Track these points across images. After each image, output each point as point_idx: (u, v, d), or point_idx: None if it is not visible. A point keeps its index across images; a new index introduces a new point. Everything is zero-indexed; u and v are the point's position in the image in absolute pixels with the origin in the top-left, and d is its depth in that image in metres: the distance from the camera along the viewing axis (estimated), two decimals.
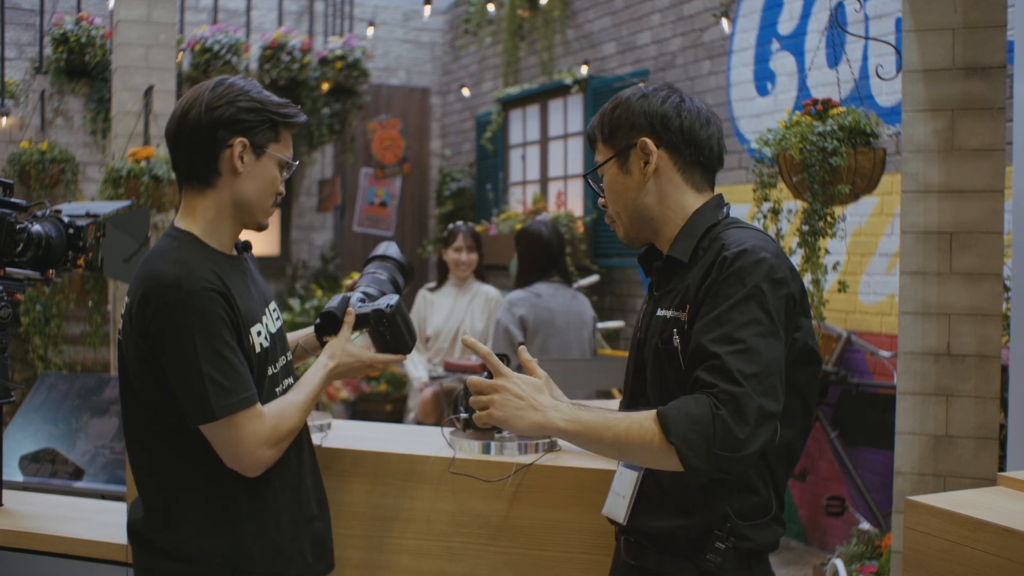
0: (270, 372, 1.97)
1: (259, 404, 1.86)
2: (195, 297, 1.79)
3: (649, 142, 1.80)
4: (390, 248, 2.32)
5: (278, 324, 2.04)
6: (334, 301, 2.15)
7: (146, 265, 1.87)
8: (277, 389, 1.98)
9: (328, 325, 2.13)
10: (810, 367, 1.76)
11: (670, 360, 1.72)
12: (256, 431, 1.83)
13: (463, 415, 2.32)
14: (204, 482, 1.89)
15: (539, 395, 1.73)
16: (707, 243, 1.77)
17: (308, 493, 2.02)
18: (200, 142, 1.89)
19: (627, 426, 1.63)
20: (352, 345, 2.09)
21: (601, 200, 1.90)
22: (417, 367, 5.20)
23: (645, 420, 1.61)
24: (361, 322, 2.12)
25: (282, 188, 1.99)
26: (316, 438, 2.31)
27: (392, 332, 2.11)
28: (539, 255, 4.26)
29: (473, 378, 1.78)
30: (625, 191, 1.83)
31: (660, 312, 1.78)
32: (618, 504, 1.82)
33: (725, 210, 1.83)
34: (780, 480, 1.77)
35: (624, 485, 1.82)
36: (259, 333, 1.93)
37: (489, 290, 5.16)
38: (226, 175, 1.91)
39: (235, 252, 2.00)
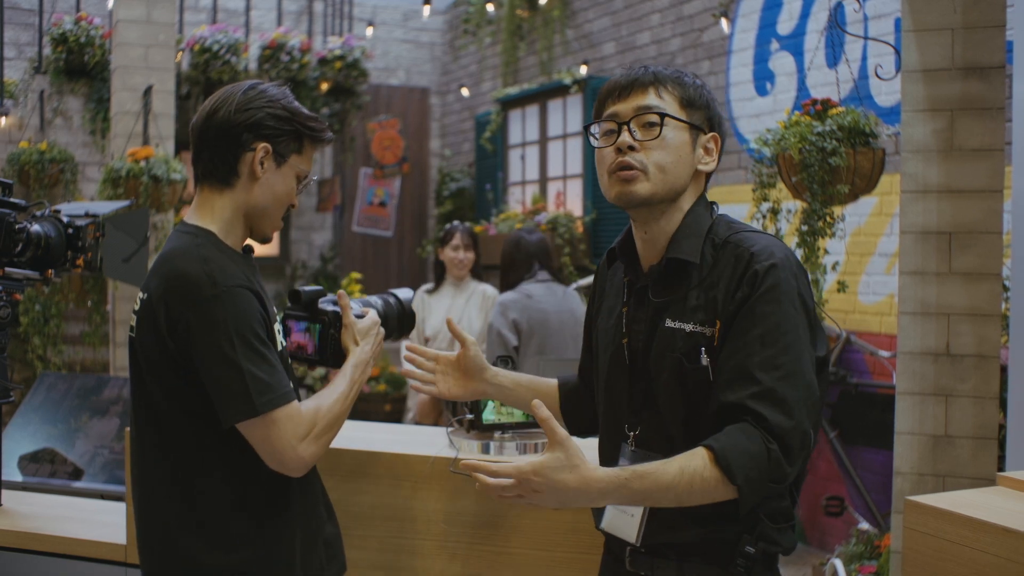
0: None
1: (297, 401, 1.82)
2: (230, 293, 1.77)
3: (718, 140, 1.78)
4: (403, 292, 2.22)
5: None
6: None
7: (168, 262, 1.82)
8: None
9: (293, 299, 2.05)
10: (823, 374, 1.74)
11: (697, 378, 1.66)
12: (296, 427, 1.79)
13: (468, 416, 2.32)
14: (223, 483, 1.84)
15: (570, 473, 1.53)
16: (714, 246, 1.71)
17: (318, 497, 2.01)
18: (224, 141, 1.86)
19: (688, 482, 1.56)
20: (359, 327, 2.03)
21: (633, 142, 1.71)
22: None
23: (704, 469, 1.56)
24: (319, 315, 2.01)
25: (295, 201, 1.97)
26: None
27: (333, 346, 2.00)
28: (517, 255, 4.36)
29: (501, 482, 1.56)
30: (680, 157, 1.72)
31: (672, 324, 1.70)
32: (626, 522, 1.75)
33: (715, 208, 1.80)
34: (799, 484, 1.75)
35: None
36: (279, 332, 1.93)
37: (487, 288, 5.16)
38: (244, 178, 1.89)
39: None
